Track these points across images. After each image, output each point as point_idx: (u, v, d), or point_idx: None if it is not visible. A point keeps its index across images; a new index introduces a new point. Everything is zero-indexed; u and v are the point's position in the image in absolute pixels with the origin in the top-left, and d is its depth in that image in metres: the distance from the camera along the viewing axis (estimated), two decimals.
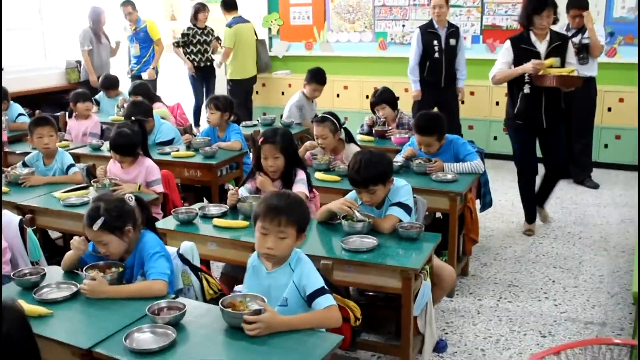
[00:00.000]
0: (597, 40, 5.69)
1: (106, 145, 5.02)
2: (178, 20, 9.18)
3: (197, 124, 7.91)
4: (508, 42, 4.64)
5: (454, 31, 6.26)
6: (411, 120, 5.33)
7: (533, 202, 4.96)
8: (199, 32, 7.84)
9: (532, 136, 4.71)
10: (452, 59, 6.26)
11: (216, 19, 8.07)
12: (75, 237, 2.66)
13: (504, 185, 6.11)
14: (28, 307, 2.32)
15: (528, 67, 4.39)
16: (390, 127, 5.23)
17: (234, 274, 3.22)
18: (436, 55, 6.24)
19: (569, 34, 5.83)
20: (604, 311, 3.73)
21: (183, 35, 7.85)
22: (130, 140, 4.03)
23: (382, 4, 7.85)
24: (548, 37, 4.50)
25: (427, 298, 3.00)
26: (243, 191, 3.58)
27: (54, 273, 2.69)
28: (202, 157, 4.61)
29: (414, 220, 3.21)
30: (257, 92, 8.23)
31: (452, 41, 6.22)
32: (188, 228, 3.29)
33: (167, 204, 4.10)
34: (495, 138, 7.20)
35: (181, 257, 2.81)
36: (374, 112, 5.36)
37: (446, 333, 3.47)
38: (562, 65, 4.47)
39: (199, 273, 2.83)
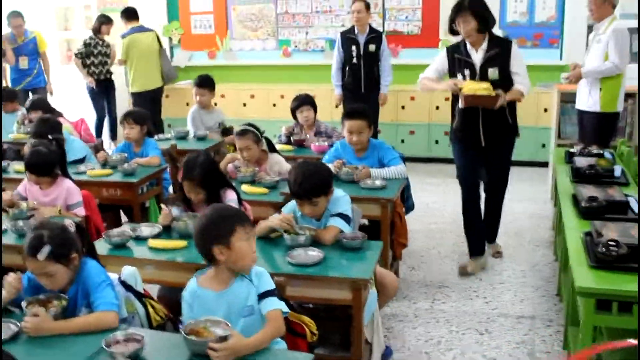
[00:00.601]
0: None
1: (14, 166, 4.73)
2: (72, 30, 8.78)
3: (99, 138, 7.58)
4: (443, 50, 4.40)
5: (374, 37, 6.35)
6: (328, 127, 5.37)
7: (474, 230, 4.39)
8: (101, 43, 7.53)
9: (471, 151, 4.24)
10: (372, 64, 6.35)
11: (121, 29, 7.79)
12: (10, 275, 2.44)
13: (435, 188, 6.34)
14: None
15: (445, 85, 4.17)
16: (307, 136, 5.22)
17: (172, 296, 3.10)
18: (354, 60, 6.31)
19: None
20: (532, 304, 3.90)
21: (85, 45, 7.50)
22: (48, 160, 3.80)
23: (285, 11, 7.85)
24: (485, 45, 4.04)
25: (374, 307, 3.02)
26: (174, 211, 3.45)
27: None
28: (122, 175, 4.41)
29: (352, 230, 3.22)
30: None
31: (372, 47, 6.31)
32: (122, 252, 3.13)
33: (89, 227, 3.89)
34: (436, 142, 7.30)
35: (123, 283, 2.67)
36: (294, 117, 5.33)
37: (388, 339, 3.50)
38: (505, 76, 4.05)
39: (143, 299, 2.70)
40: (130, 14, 7.21)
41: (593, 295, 2.54)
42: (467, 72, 4.10)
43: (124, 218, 4.96)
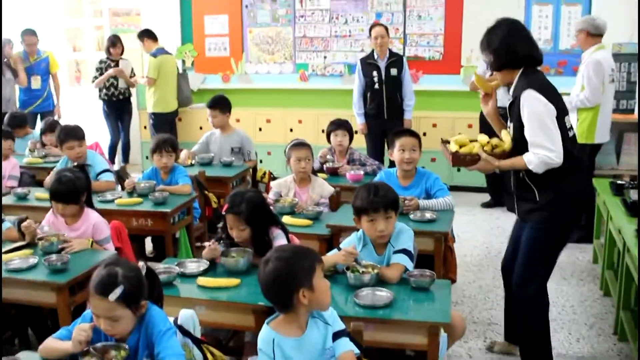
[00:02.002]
0: None
1: (34, 193, 4.50)
2: (82, 51, 8.60)
3: (112, 162, 7.37)
4: None
5: (395, 60, 6.21)
6: (362, 155, 5.20)
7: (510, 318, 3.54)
8: (113, 64, 7.35)
9: (517, 221, 3.39)
10: (394, 89, 6.20)
11: (131, 50, 7.64)
12: (82, 326, 2.19)
13: (461, 217, 6.00)
14: None
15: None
16: (341, 164, 5.04)
17: (215, 335, 2.90)
18: (376, 86, 6.17)
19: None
20: (589, 344, 3.70)
21: (97, 69, 7.35)
22: (74, 187, 3.57)
23: (303, 35, 7.70)
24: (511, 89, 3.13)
25: (445, 351, 2.82)
26: (220, 248, 3.24)
27: None
28: (152, 204, 4.19)
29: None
30: None
31: (394, 71, 6.17)
32: (168, 290, 2.91)
33: None
34: (458, 170, 7.01)
35: (180, 328, 2.46)
36: (329, 141, 5.15)
37: None
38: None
39: (202, 345, 2.49)
40: (153, 35, 7.07)
41: None
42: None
43: (147, 248, 4.77)
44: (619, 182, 4.34)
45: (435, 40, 7.29)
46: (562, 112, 3.00)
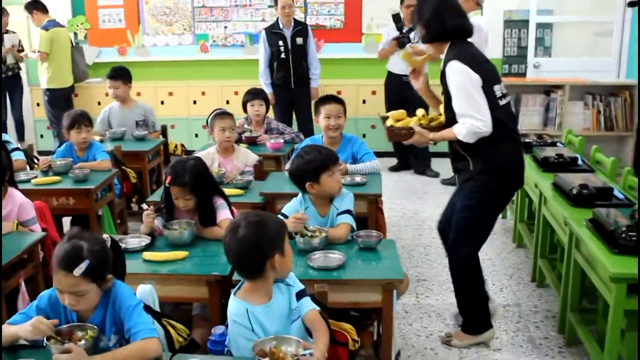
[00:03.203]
0: None
1: None
2: None
3: None
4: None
5: (300, 29, 6.22)
6: (280, 124, 5.20)
7: None
8: None
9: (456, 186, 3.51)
10: (300, 58, 6.22)
11: (16, 23, 7.15)
12: (39, 319, 2.04)
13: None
14: None
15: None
16: (259, 133, 5.01)
17: (207, 315, 2.85)
18: (282, 55, 6.16)
19: (404, 30, 6.11)
20: (512, 292, 3.96)
21: None
22: None
23: (202, 5, 7.52)
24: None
25: (395, 306, 2.92)
26: (158, 221, 3.16)
27: None
28: (72, 182, 4.01)
29: None
30: None
31: (299, 40, 6.19)
32: None
33: (46, 241, 3.49)
34: (364, 135, 7.13)
35: None
36: (245, 111, 5.11)
37: None
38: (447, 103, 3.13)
39: (162, 319, 2.44)
40: (43, 7, 6.64)
41: (625, 280, 2.58)
42: None
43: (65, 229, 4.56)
44: (527, 140, 4.61)
45: (336, 8, 7.36)
46: (489, 81, 3.01)
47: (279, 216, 3.08)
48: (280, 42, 6.20)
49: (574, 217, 3.19)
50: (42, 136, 7.79)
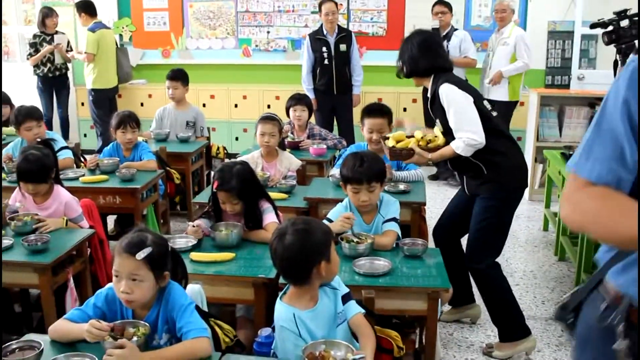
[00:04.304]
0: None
1: None
2: (8, 25, 8.15)
3: None
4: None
5: (344, 36, 6.25)
6: (322, 130, 5.23)
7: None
8: (48, 38, 7.02)
9: (459, 193, 3.64)
10: (343, 64, 6.24)
11: (64, 23, 7.32)
12: (93, 324, 2.05)
13: None
14: None
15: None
16: (302, 138, 5.05)
17: (250, 316, 2.88)
18: (326, 61, 6.19)
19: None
20: (554, 305, 3.91)
21: (31, 44, 7.00)
22: (42, 165, 3.41)
23: (245, 9, 7.61)
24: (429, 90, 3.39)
25: (439, 314, 2.92)
26: (205, 223, 3.21)
27: (45, 345, 2.13)
28: (119, 181, 4.09)
29: None
30: None
31: (343, 46, 6.21)
32: None
33: (92, 239, 3.56)
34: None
35: None
36: (288, 116, 5.14)
37: None
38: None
39: (210, 319, 2.47)
40: (91, 9, 6.78)
41: None
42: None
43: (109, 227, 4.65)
44: (571, 152, 4.56)
45: (379, 16, 7.37)
46: (478, 98, 3.26)
47: (324, 221, 3.11)
48: (324, 48, 6.24)
49: None
50: (85, 135, 7.94)
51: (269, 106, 7.36)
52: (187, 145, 5.15)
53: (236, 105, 7.58)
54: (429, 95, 3.36)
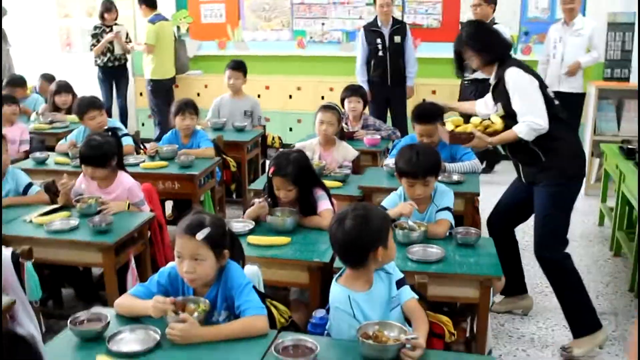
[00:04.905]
0: None
1: (53, 158, 4.49)
2: (72, 17, 8.43)
3: None
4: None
5: (398, 28, 6.25)
6: (377, 121, 5.26)
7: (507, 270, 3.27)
8: (107, 30, 7.25)
9: (517, 181, 3.59)
10: (398, 56, 6.25)
11: (123, 16, 7.54)
12: (157, 299, 2.17)
13: None
14: None
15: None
16: (356, 129, 5.09)
17: (304, 300, 2.96)
18: (380, 53, 6.21)
19: None
20: (608, 300, 3.87)
21: (93, 35, 7.24)
22: (102, 150, 3.55)
23: (301, 1, 7.68)
24: (493, 75, 3.39)
25: (491, 304, 2.94)
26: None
27: (111, 318, 2.24)
28: (178, 167, 4.22)
29: None
30: None
31: (397, 38, 6.22)
32: None
33: (152, 223, 3.68)
34: None
35: None
36: (343, 107, 5.18)
37: None
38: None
39: (266, 300, 2.55)
40: (152, 1, 6.98)
41: None
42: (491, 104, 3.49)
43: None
44: (630, 146, 4.48)
45: (433, 8, 7.34)
46: (542, 84, 3.25)
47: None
48: (378, 40, 6.25)
49: None
50: (143, 124, 8.16)
51: (322, 97, 7.41)
52: (244, 134, 5.26)
53: (290, 97, 7.67)
54: (491, 81, 3.38)
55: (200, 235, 2.17)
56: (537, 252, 3.34)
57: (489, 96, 3.52)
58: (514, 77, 3.19)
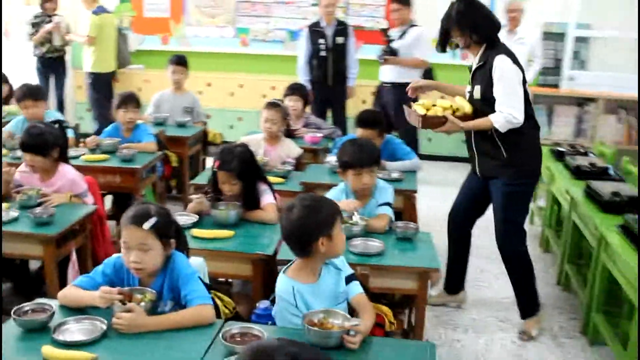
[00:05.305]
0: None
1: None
2: (11, 4, 8.18)
3: None
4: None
5: (342, 29, 6.34)
6: (318, 120, 5.36)
7: (453, 267, 3.85)
8: (47, 20, 7.08)
9: (472, 177, 3.67)
10: (340, 57, 6.34)
11: (66, 8, 7.40)
12: (104, 290, 2.18)
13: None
14: (60, 354, 1.96)
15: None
16: (297, 127, 5.16)
17: (247, 292, 3.00)
18: (322, 53, 6.29)
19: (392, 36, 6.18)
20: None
21: (32, 24, 7.05)
22: (43, 139, 3.48)
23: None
24: (478, 56, 3.37)
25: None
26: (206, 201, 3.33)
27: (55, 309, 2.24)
28: (120, 161, 4.20)
29: None
30: None
31: (340, 39, 6.30)
32: None
33: (93, 216, 3.66)
34: (429, 140, 7.31)
35: None
36: None
37: None
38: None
39: (210, 292, 2.59)
40: None
41: None
42: (469, 86, 3.51)
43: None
44: (559, 149, 4.71)
45: (376, 10, 7.48)
46: (524, 79, 3.32)
47: None
48: (321, 40, 6.33)
49: (605, 222, 3.30)
50: (81, 118, 8.01)
51: (264, 96, 7.45)
52: (185, 129, 5.26)
53: (232, 94, 7.69)
54: (475, 62, 3.37)
55: (147, 224, 2.20)
56: (501, 247, 3.53)
57: None
58: (502, 65, 3.21)
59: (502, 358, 3.33)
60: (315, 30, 6.35)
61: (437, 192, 6.11)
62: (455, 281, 3.84)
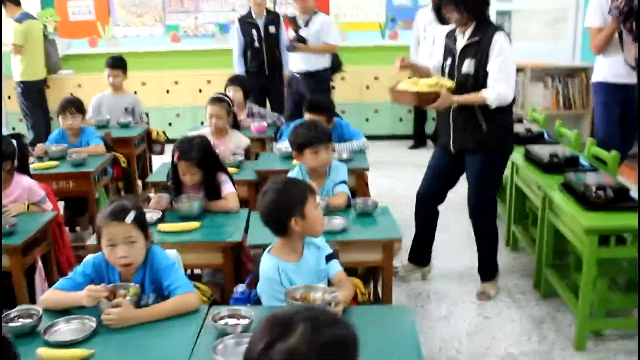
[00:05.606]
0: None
1: None
2: None
3: None
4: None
5: (273, 19, 6.41)
6: (261, 109, 5.43)
7: (421, 242, 3.95)
8: None
9: (442, 156, 3.77)
10: (273, 46, 6.41)
11: None
12: (90, 288, 2.23)
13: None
14: (57, 353, 2.00)
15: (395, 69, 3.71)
16: (241, 118, 5.23)
17: (216, 280, 3.08)
18: (256, 44, 6.35)
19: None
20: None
21: None
22: None
23: None
24: (469, 32, 3.45)
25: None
26: (165, 197, 3.38)
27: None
28: (71, 166, 4.18)
29: None
30: None
31: (272, 29, 6.37)
32: None
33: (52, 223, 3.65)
34: (367, 120, 7.47)
35: None
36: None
37: None
38: (483, 73, 3.41)
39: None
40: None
41: (597, 232, 2.93)
42: (449, 61, 3.57)
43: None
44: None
45: None
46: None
47: None
48: (254, 31, 6.39)
49: (547, 182, 3.53)
50: (13, 128, 7.82)
51: (200, 91, 7.51)
52: (129, 130, 5.25)
53: (168, 91, 7.67)
54: (465, 38, 3.44)
55: (129, 218, 2.27)
56: (473, 217, 3.72)
57: (436, 56, 3.72)
58: (502, 42, 3.33)
59: (464, 316, 3.53)
60: (247, 22, 6.40)
61: (382, 170, 6.31)
62: (422, 254, 3.99)
